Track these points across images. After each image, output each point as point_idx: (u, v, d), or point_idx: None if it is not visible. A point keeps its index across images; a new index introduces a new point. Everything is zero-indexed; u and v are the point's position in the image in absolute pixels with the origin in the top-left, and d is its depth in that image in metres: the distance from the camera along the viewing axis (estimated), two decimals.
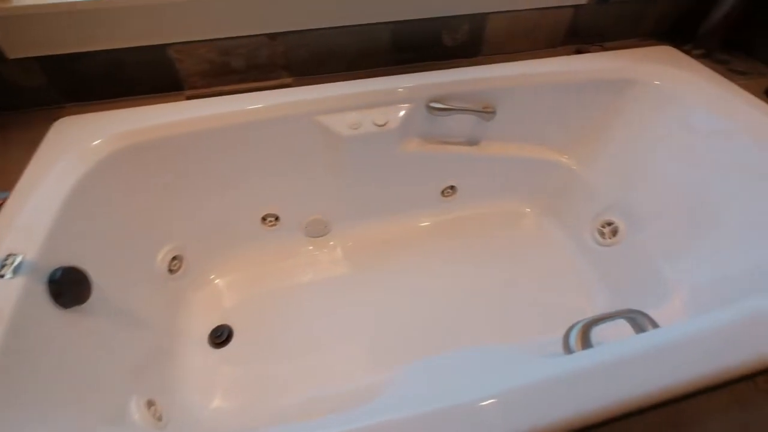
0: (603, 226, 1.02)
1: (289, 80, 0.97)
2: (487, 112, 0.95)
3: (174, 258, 0.92)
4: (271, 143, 0.89)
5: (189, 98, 0.90)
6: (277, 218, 1.03)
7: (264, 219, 1.02)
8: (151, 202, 0.84)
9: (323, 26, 0.90)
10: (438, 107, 0.91)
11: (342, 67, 0.98)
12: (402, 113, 0.90)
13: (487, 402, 0.43)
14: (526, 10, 0.99)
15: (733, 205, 0.79)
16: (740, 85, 0.94)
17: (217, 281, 1.00)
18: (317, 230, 1.09)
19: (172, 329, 0.89)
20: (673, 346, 0.49)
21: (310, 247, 1.08)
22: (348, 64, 0.97)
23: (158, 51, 0.85)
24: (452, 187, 1.11)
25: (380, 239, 1.10)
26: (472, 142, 1.04)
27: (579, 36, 1.09)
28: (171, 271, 0.91)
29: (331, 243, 1.09)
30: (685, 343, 0.50)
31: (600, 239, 1.01)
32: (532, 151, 1.07)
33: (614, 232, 0.99)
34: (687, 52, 1.06)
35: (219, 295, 0.98)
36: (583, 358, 0.49)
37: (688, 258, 0.83)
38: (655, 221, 0.91)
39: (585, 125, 1.02)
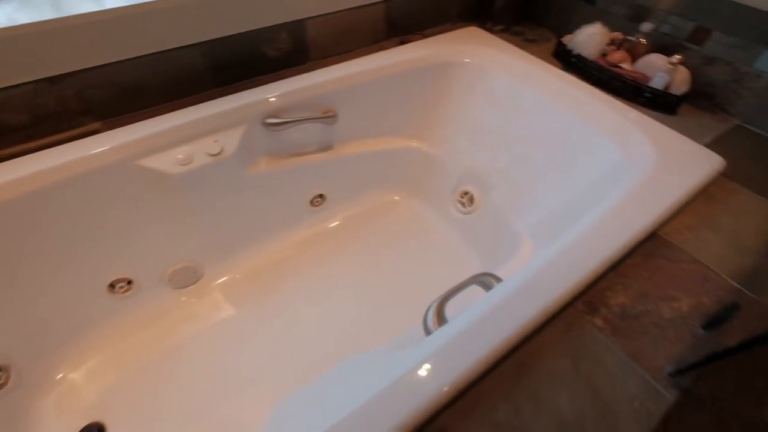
0: (462, 197, 1.11)
1: (96, 125, 0.84)
2: (328, 116, 0.95)
3: None
4: (89, 203, 0.76)
5: None
6: (129, 282, 0.89)
7: (112, 287, 0.88)
8: None
9: (117, 59, 0.79)
10: (275, 122, 0.88)
11: (158, 100, 0.88)
12: (237, 137, 0.85)
13: (350, 417, 0.42)
14: (339, 11, 1.01)
15: (545, 155, 0.93)
16: (533, 52, 1.10)
17: (70, 376, 0.83)
18: (187, 279, 0.98)
19: None
20: (508, 298, 0.55)
21: (183, 299, 0.97)
22: (164, 96, 0.88)
23: None
24: (320, 196, 1.10)
25: (259, 268, 1.04)
26: (325, 148, 1.04)
27: (399, 28, 1.16)
28: None
29: (208, 287, 1.00)
30: (517, 292, 0.56)
31: (462, 209, 1.11)
32: (385, 143, 1.11)
33: (471, 200, 1.09)
34: (489, 30, 1.20)
35: (76, 391, 0.82)
36: (438, 337, 0.52)
37: (525, 207, 0.95)
38: (498, 182, 1.03)
39: (423, 110, 1.09)
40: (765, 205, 0.76)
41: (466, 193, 1.10)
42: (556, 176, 0.90)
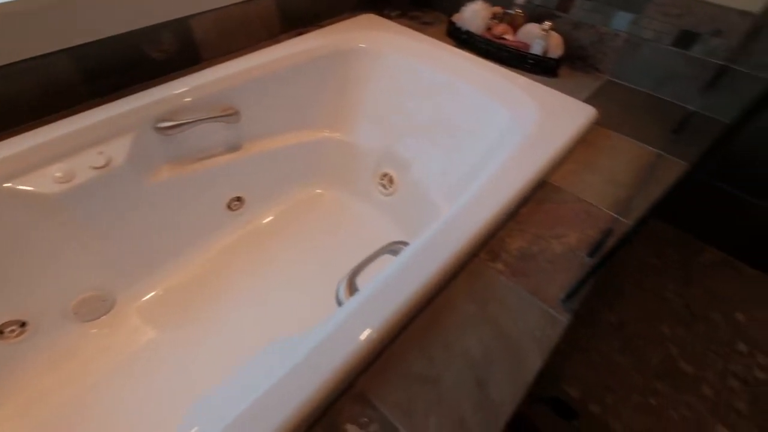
0: (382, 179, 1.13)
1: None
2: (228, 114, 0.92)
3: None
4: None
5: None
6: (22, 324, 0.79)
7: (0, 333, 0.77)
8: None
9: None
10: (168, 126, 0.83)
11: (24, 117, 0.78)
12: (125, 146, 0.79)
13: (255, 401, 0.41)
14: (225, 7, 0.97)
15: (448, 126, 0.98)
16: (429, 33, 1.15)
17: None
18: (96, 309, 0.89)
19: None
20: (413, 258, 0.57)
21: (94, 331, 0.88)
22: (31, 112, 0.79)
23: None
24: (238, 199, 1.06)
25: (181, 283, 0.97)
26: (233, 148, 1.00)
27: (295, 21, 1.15)
28: None
29: (123, 313, 0.92)
30: (422, 251, 0.58)
31: (384, 191, 1.13)
32: (297, 137, 1.10)
33: (391, 181, 1.12)
34: (387, 16, 1.23)
35: None
36: (348, 305, 0.52)
37: (439, 178, 0.99)
38: (412, 159, 1.06)
39: (330, 99, 1.10)
40: (633, 145, 0.87)
41: (385, 175, 1.12)
42: (461, 144, 0.95)
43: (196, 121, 0.86)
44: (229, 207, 1.05)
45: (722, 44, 0.89)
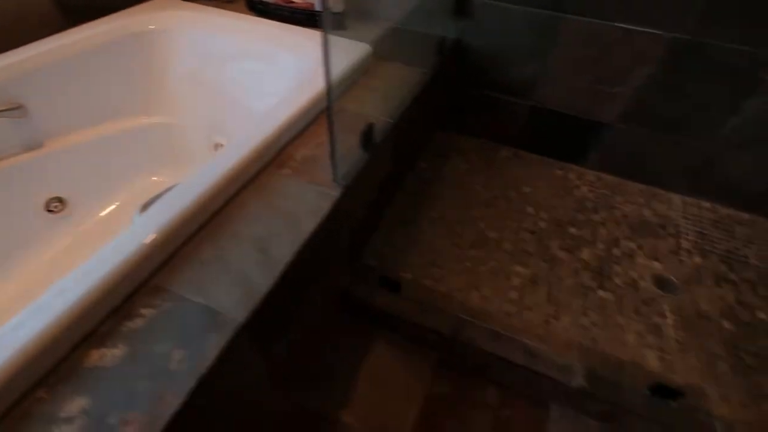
0: (216, 150, 1.18)
1: None
2: (10, 109, 0.88)
3: None
4: None
5: None
6: None
7: None
8: None
9: None
10: None
11: None
12: None
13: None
14: None
15: (255, 83, 1.07)
16: (231, 9, 1.22)
17: None
18: None
19: None
20: (199, 174, 0.65)
21: None
22: None
23: None
24: (58, 199, 1.01)
25: (6, 301, 0.90)
26: (31, 146, 0.95)
27: (79, 14, 1.11)
28: None
29: None
30: (209, 167, 0.66)
31: None
32: (112, 126, 1.08)
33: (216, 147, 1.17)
34: None
35: None
36: (139, 219, 0.58)
37: (258, 126, 1.07)
38: (235, 121, 1.12)
39: (135, 83, 1.10)
40: (400, 68, 1.06)
41: (218, 145, 1.17)
42: (265, 95, 1.04)
43: None
44: (48, 210, 0.99)
45: None
